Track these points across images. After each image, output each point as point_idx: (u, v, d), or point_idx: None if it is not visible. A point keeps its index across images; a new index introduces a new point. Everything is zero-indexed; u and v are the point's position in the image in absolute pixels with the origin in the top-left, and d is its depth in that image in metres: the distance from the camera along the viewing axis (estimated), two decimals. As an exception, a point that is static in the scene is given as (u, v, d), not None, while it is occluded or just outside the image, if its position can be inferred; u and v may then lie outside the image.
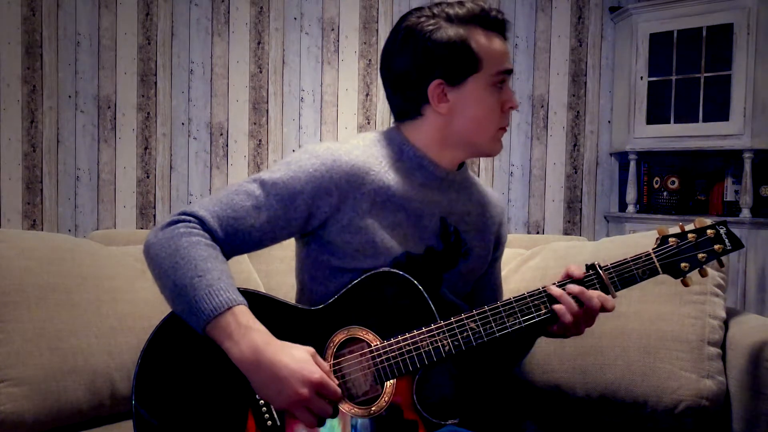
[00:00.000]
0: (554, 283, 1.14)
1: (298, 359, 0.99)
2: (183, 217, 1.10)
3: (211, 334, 1.02)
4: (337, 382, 1.03)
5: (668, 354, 1.44)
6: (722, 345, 1.46)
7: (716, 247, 1.17)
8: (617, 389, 1.46)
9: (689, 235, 1.18)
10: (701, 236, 1.18)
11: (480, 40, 1.15)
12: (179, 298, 1.03)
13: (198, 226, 1.08)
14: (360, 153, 1.16)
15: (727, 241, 1.18)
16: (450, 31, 1.14)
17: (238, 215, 1.11)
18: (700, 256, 1.17)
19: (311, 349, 1.02)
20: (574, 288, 1.12)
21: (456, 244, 1.22)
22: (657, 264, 1.15)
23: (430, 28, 1.15)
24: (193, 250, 1.04)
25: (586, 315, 1.12)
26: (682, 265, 1.16)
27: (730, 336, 1.47)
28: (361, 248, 1.14)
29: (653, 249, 1.17)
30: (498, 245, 1.35)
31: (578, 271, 1.15)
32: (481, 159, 3.60)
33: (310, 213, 1.13)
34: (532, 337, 1.24)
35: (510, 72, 1.19)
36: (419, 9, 1.18)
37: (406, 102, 1.19)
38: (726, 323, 1.49)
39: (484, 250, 1.28)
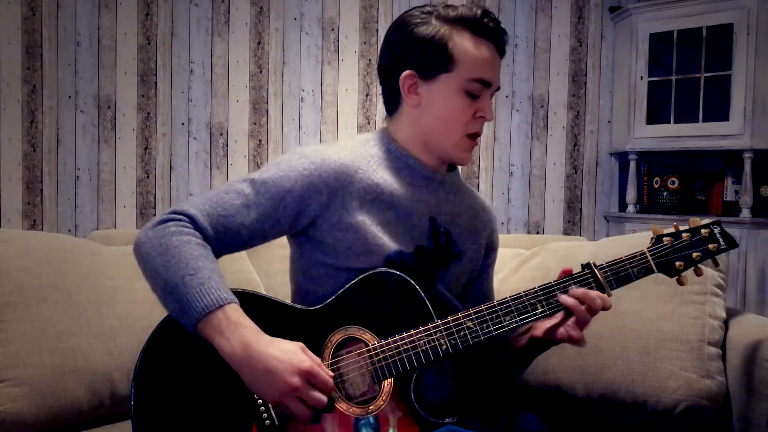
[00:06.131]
0: (555, 285, 1.13)
1: (287, 351, 1.00)
2: (173, 215, 1.10)
3: (202, 332, 1.02)
4: (331, 374, 1.03)
5: (668, 354, 1.44)
6: (722, 345, 1.46)
7: (710, 246, 1.17)
8: (617, 389, 1.46)
9: (683, 235, 1.18)
10: (695, 235, 1.18)
11: (463, 42, 1.15)
12: (170, 297, 1.03)
13: (189, 225, 1.09)
14: (348, 153, 1.19)
15: (721, 240, 1.18)
16: (433, 28, 1.16)
17: (228, 213, 1.11)
18: (694, 255, 1.17)
19: (300, 344, 1.03)
20: (577, 292, 1.11)
21: (447, 245, 1.22)
22: (652, 263, 1.16)
23: (416, 21, 1.17)
24: (183, 249, 1.05)
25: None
26: (677, 263, 1.16)
27: (730, 336, 1.47)
28: (353, 246, 1.14)
29: (648, 248, 1.17)
30: (490, 252, 1.35)
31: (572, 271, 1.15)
32: (480, 159, 3.60)
33: (299, 211, 1.14)
34: (531, 353, 1.24)
35: (488, 84, 1.17)
36: (421, 6, 1.21)
37: (387, 93, 1.24)
38: (726, 323, 1.49)
39: (476, 253, 1.29)
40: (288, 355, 0.99)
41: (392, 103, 1.23)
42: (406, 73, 1.18)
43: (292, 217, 1.14)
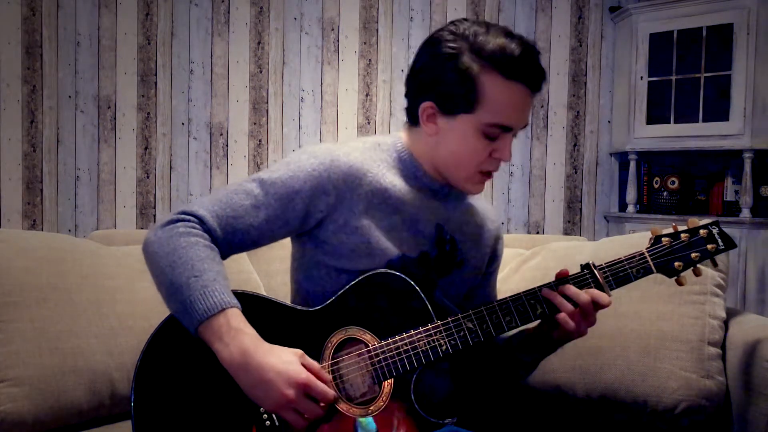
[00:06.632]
0: (547, 284, 1.14)
1: (284, 361, 1.00)
2: (182, 216, 1.10)
3: (202, 335, 1.02)
4: (330, 381, 1.03)
5: (668, 354, 1.44)
6: (722, 345, 1.46)
7: (709, 246, 1.18)
8: (617, 389, 1.46)
9: (682, 235, 1.18)
10: (694, 236, 1.18)
11: (491, 85, 1.08)
12: (174, 297, 1.03)
13: (197, 226, 1.09)
14: (359, 155, 1.17)
15: (719, 240, 1.18)
16: (463, 64, 1.09)
17: (237, 214, 1.11)
18: (693, 255, 1.17)
19: (299, 351, 1.03)
20: (565, 288, 1.12)
21: (452, 252, 1.22)
22: (651, 263, 1.16)
23: (447, 51, 1.10)
24: (191, 251, 1.05)
25: (582, 314, 1.12)
26: (676, 264, 1.16)
27: (730, 336, 1.47)
28: (356, 248, 1.14)
29: (647, 248, 1.17)
30: (493, 259, 1.34)
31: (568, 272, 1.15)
32: (481, 159, 3.59)
33: (307, 212, 1.14)
34: (536, 355, 1.24)
35: (508, 129, 1.12)
36: (463, 21, 1.14)
37: (409, 107, 1.20)
38: (726, 323, 1.49)
39: (479, 261, 1.28)
40: (285, 365, 0.99)
41: (411, 116, 1.19)
42: (426, 104, 1.14)
43: (301, 217, 1.14)
